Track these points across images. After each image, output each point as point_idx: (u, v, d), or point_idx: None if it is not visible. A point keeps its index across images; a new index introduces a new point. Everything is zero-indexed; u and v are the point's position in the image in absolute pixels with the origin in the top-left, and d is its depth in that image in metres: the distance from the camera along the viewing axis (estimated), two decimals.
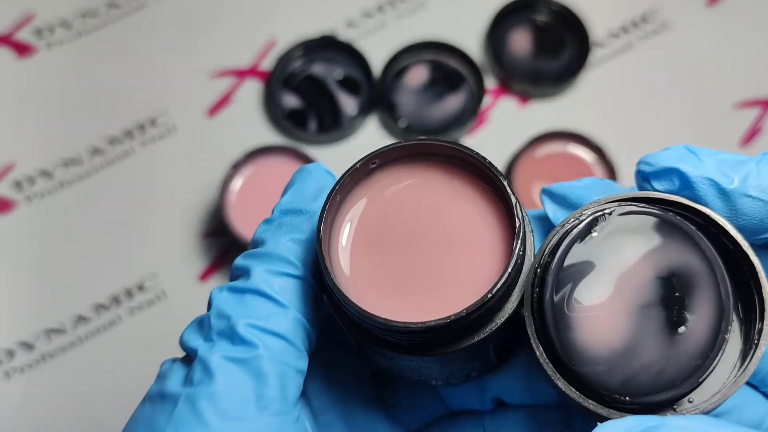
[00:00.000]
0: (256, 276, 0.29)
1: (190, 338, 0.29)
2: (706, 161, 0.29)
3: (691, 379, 0.27)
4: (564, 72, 0.65)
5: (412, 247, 0.29)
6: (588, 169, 0.58)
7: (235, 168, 0.59)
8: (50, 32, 0.67)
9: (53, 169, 0.63)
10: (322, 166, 0.32)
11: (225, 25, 0.68)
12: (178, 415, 0.27)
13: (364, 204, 0.30)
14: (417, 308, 0.28)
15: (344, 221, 0.30)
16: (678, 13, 0.69)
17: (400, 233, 0.30)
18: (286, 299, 0.29)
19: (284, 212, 0.30)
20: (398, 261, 0.29)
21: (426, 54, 0.65)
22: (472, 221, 0.29)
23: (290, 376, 0.28)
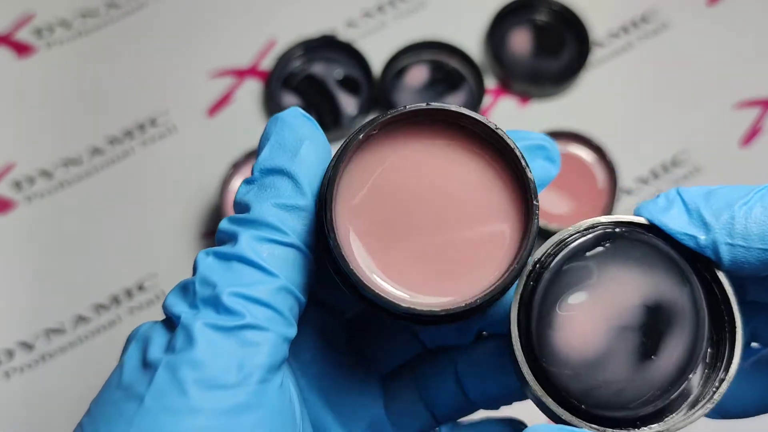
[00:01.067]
0: (243, 242, 0.28)
1: (173, 303, 0.28)
2: (684, 212, 0.29)
3: (646, 407, 0.28)
4: (564, 72, 0.65)
5: (420, 223, 0.29)
6: (588, 169, 0.58)
7: (235, 168, 0.59)
8: (50, 32, 0.67)
9: (53, 169, 0.63)
10: (298, 111, 0.30)
11: (225, 25, 0.68)
12: (157, 381, 0.26)
13: (366, 177, 0.29)
14: (430, 286, 0.28)
15: (347, 197, 0.28)
16: (678, 13, 0.69)
17: (405, 207, 0.29)
18: (273, 267, 0.28)
19: (264, 172, 0.29)
20: (409, 236, 0.28)
21: (426, 54, 0.65)
22: (480, 193, 0.29)
23: (276, 344, 0.27)
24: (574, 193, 0.57)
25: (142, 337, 0.28)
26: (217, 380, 0.26)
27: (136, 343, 0.28)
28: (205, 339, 0.26)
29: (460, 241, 0.28)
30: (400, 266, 0.28)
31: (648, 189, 0.62)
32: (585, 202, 0.57)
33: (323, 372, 0.33)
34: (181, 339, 0.27)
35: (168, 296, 0.28)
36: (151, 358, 0.27)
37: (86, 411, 0.28)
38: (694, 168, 0.63)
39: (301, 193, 0.29)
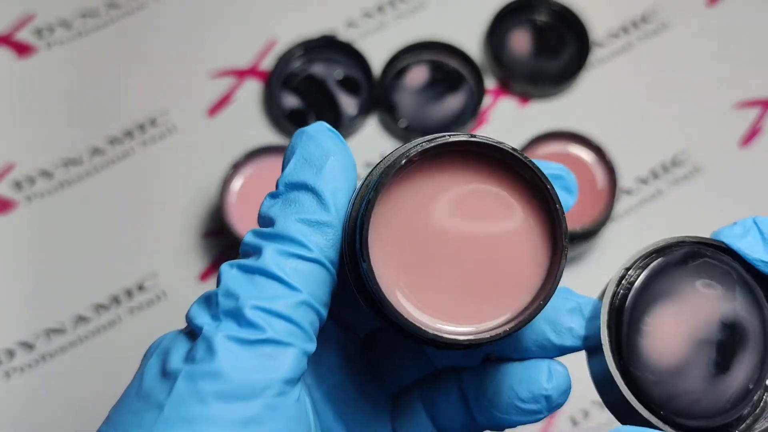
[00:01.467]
0: (267, 256, 0.28)
1: (196, 314, 0.28)
2: (759, 240, 0.32)
3: (717, 418, 0.31)
4: (564, 72, 0.65)
5: (449, 254, 0.29)
6: (588, 169, 0.58)
7: (235, 168, 0.59)
8: (50, 32, 0.67)
9: (53, 169, 0.63)
10: (324, 126, 0.30)
11: (225, 25, 0.68)
12: (177, 391, 0.27)
13: (399, 205, 0.29)
14: (454, 315, 0.29)
15: (380, 225, 0.29)
16: (678, 13, 0.69)
17: (436, 238, 0.29)
18: (296, 281, 0.28)
19: (289, 186, 0.30)
20: (435, 267, 0.29)
21: (426, 54, 0.65)
22: (513, 227, 0.29)
23: (296, 358, 0.28)
24: None
25: (164, 347, 0.29)
26: (236, 392, 0.27)
27: (158, 352, 0.29)
28: (226, 351, 0.27)
29: (487, 275, 0.29)
30: (426, 294, 0.29)
31: (648, 189, 0.62)
32: (585, 202, 0.57)
33: (338, 386, 0.34)
34: (202, 350, 0.27)
35: (191, 307, 0.29)
36: (172, 367, 0.27)
37: (105, 418, 0.29)
38: (694, 168, 0.63)
39: (326, 209, 0.29)
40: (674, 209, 0.62)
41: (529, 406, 0.32)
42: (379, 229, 0.29)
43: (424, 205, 0.29)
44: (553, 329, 0.32)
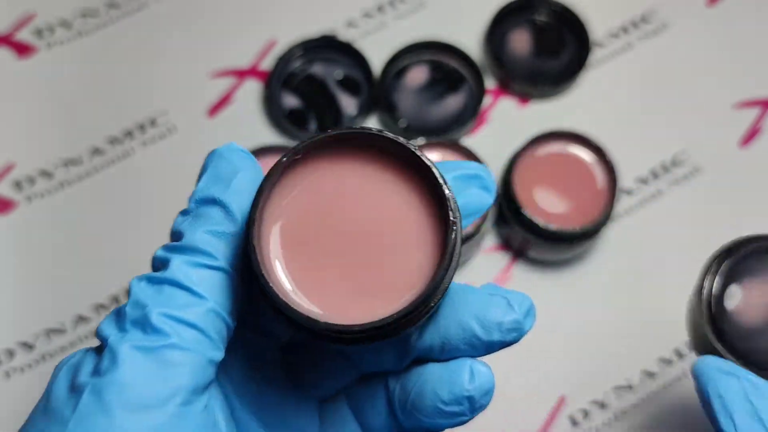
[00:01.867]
0: (174, 267, 0.29)
1: (104, 328, 0.29)
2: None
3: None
4: (564, 72, 0.65)
5: (343, 245, 0.30)
6: (588, 169, 0.58)
7: None
8: (50, 32, 0.68)
9: (53, 169, 0.63)
10: (234, 146, 0.31)
11: (225, 26, 0.68)
12: (83, 404, 0.27)
13: (291, 200, 0.30)
14: (351, 306, 0.29)
15: (273, 219, 0.30)
16: (678, 13, 0.69)
17: (329, 228, 0.30)
18: (203, 290, 0.29)
19: (199, 202, 0.30)
20: (330, 257, 0.29)
21: (426, 54, 0.65)
22: (402, 212, 0.30)
23: (199, 365, 0.28)
24: (573, 192, 0.57)
25: (73, 363, 0.29)
26: (141, 401, 0.27)
27: (66, 369, 0.29)
28: (130, 360, 0.27)
29: (382, 262, 0.29)
30: (321, 287, 0.29)
31: (648, 189, 0.62)
32: (585, 202, 0.57)
33: (259, 394, 0.33)
34: (107, 361, 0.27)
35: (102, 322, 0.29)
36: (79, 382, 0.27)
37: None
38: (694, 168, 0.63)
39: (232, 220, 0.30)
40: (674, 209, 0.62)
41: (451, 408, 0.32)
42: (270, 225, 0.29)
43: (314, 200, 0.30)
44: (481, 325, 0.31)
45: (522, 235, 0.56)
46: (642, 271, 0.60)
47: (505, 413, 0.56)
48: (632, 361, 0.58)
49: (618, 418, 0.56)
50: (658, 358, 0.58)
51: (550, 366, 0.58)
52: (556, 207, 0.57)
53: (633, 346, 0.58)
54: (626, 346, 0.58)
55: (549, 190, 0.57)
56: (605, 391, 0.57)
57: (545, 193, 0.57)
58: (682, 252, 0.61)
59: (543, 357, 0.58)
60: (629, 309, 0.59)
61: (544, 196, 0.57)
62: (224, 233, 0.29)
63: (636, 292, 0.60)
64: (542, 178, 0.58)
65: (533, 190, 0.57)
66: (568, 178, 0.58)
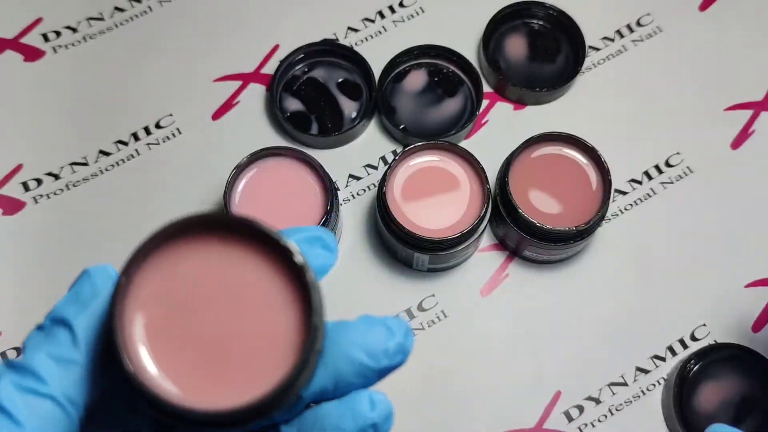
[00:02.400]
0: (2, 387, 0.28)
1: None
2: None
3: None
4: (559, 76, 0.66)
5: (204, 327, 0.29)
6: (582, 171, 0.59)
7: (239, 170, 0.59)
8: (56, 36, 0.68)
9: (60, 170, 0.63)
10: (107, 269, 0.31)
11: (229, 30, 0.69)
12: None
13: (152, 288, 0.30)
14: (214, 392, 0.29)
15: (135, 308, 0.29)
16: (672, 18, 0.70)
17: (192, 311, 0.29)
18: (24, 417, 0.28)
19: (52, 320, 0.30)
20: (194, 340, 0.29)
21: (424, 58, 0.65)
22: (262, 292, 0.30)
23: None
24: (568, 194, 0.58)
25: None
26: None
27: None
28: None
29: (246, 337, 0.29)
30: (187, 370, 0.29)
31: (642, 189, 0.63)
32: (579, 203, 0.58)
33: None
34: None
35: None
36: None
37: None
38: (686, 169, 0.64)
39: (77, 347, 0.29)
40: (667, 209, 0.63)
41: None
42: (131, 313, 0.29)
43: (175, 285, 0.29)
44: (368, 355, 0.31)
45: (518, 234, 0.57)
46: (635, 270, 0.61)
47: (501, 409, 0.57)
48: (626, 358, 0.59)
49: (612, 414, 0.57)
50: (651, 356, 0.59)
51: (545, 362, 0.59)
52: (551, 207, 0.58)
53: (627, 343, 0.59)
54: (620, 344, 0.59)
55: (544, 191, 0.58)
56: (600, 387, 0.58)
57: (540, 193, 0.58)
58: (675, 252, 0.62)
59: (538, 354, 0.59)
60: (623, 307, 0.60)
61: (540, 196, 0.58)
62: (66, 360, 0.29)
63: (630, 290, 0.61)
64: (538, 180, 0.59)
65: (529, 191, 0.58)
66: (563, 179, 0.59)
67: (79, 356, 0.29)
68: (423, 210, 0.57)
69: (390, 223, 0.56)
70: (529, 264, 0.61)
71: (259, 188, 0.58)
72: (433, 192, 0.58)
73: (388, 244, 0.59)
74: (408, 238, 0.56)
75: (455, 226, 0.56)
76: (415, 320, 0.60)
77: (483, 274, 0.61)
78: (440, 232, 0.56)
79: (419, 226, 0.56)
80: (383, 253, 0.61)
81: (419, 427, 0.56)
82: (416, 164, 0.58)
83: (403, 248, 0.57)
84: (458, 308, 0.60)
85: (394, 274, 0.61)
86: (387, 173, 0.56)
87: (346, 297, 0.60)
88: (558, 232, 0.56)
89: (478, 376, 0.58)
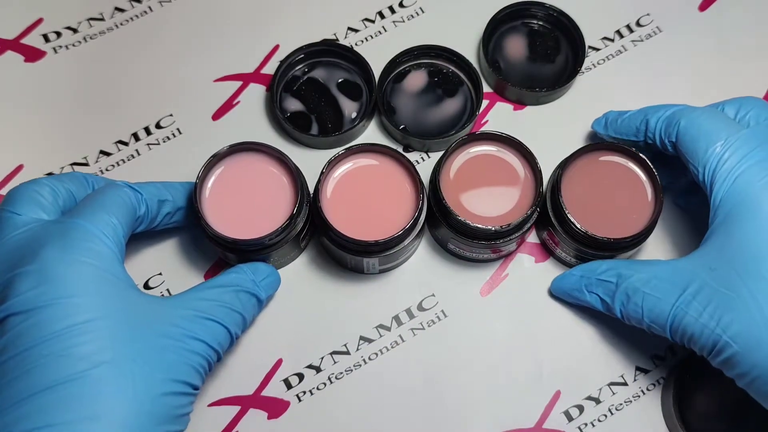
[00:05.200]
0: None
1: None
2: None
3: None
4: (559, 76, 0.66)
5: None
6: (641, 183, 0.58)
7: (215, 158, 0.57)
8: (57, 36, 0.69)
9: (61, 171, 0.64)
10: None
11: (229, 31, 0.69)
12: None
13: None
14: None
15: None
16: (671, 18, 0.70)
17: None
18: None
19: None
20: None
21: (424, 58, 0.65)
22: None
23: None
24: (621, 202, 0.58)
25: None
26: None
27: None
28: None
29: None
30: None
31: None
32: (629, 212, 0.57)
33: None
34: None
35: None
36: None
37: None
38: None
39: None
40: (667, 206, 0.63)
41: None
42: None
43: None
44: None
45: (562, 238, 0.57)
46: None
47: (501, 409, 0.57)
48: (626, 358, 0.59)
49: (612, 414, 0.57)
50: (652, 356, 0.59)
51: (545, 362, 0.59)
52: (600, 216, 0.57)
53: (627, 343, 0.59)
54: (620, 344, 0.59)
55: (597, 199, 0.58)
56: (600, 387, 0.58)
57: (592, 200, 0.58)
58: (675, 254, 0.62)
59: (538, 354, 0.59)
60: None
61: (591, 203, 0.58)
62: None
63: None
64: (596, 185, 0.58)
65: (581, 196, 0.58)
66: (616, 187, 0.58)
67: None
68: (362, 215, 0.56)
69: (329, 232, 0.55)
70: (528, 264, 0.62)
71: (231, 182, 0.57)
72: (374, 195, 0.57)
73: (334, 254, 0.59)
74: (349, 244, 0.55)
75: (399, 226, 0.55)
76: (415, 320, 0.60)
77: (483, 274, 0.61)
78: (386, 233, 0.55)
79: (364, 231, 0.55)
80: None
81: (419, 427, 0.57)
82: (348, 168, 0.57)
83: (351, 257, 0.57)
84: (458, 308, 0.60)
85: (393, 273, 0.61)
86: (317, 186, 0.55)
87: (345, 297, 0.60)
88: (607, 241, 0.55)
89: (478, 376, 0.58)
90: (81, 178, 0.53)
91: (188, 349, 0.45)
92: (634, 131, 0.58)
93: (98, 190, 0.51)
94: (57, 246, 0.44)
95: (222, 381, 0.57)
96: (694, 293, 0.48)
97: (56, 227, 0.46)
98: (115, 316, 0.43)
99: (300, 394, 0.57)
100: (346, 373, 0.58)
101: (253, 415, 0.57)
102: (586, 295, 0.56)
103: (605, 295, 0.54)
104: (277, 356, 0.58)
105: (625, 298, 0.52)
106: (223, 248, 0.55)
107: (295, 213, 0.54)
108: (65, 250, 0.44)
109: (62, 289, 0.42)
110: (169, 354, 0.44)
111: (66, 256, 0.44)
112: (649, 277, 0.51)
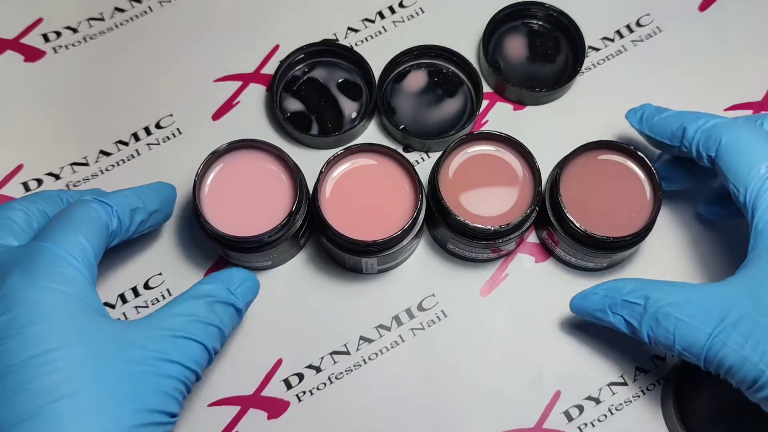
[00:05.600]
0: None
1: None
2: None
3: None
4: (559, 76, 0.66)
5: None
6: (639, 181, 0.58)
7: (215, 155, 0.57)
8: (57, 36, 0.69)
9: (60, 171, 0.64)
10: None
11: (229, 30, 0.69)
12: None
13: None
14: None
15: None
16: (671, 18, 0.70)
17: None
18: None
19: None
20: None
21: (424, 58, 0.66)
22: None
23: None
24: (622, 202, 0.58)
25: None
26: None
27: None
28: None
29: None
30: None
31: None
32: (625, 211, 0.58)
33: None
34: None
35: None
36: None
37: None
38: None
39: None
40: (666, 215, 0.63)
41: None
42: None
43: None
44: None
45: (561, 237, 0.57)
46: (636, 273, 0.61)
47: (501, 408, 0.57)
48: (626, 358, 0.59)
49: (612, 414, 0.58)
50: (652, 356, 0.59)
51: (545, 362, 0.59)
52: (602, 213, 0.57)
53: (627, 343, 0.59)
54: (620, 344, 0.59)
55: (594, 197, 0.58)
56: (600, 387, 0.58)
57: (590, 199, 0.58)
58: (677, 255, 0.62)
59: (538, 354, 0.59)
60: None
61: (590, 202, 0.58)
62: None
63: None
64: (595, 184, 0.58)
65: (580, 196, 0.58)
66: (615, 186, 0.58)
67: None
68: (362, 215, 0.56)
69: (328, 232, 0.55)
70: (528, 264, 0.62)
71: (230, 179, 0.57)
72: (373, 195, 0.57)
73: (332, 254, 0.59)
74: (348, 244, 0.55)
75: (397, 225, 0.55)
76: (415, 320, 0.60)
77: (483, 274, 0.61)
78: (384, 233, 0.55)
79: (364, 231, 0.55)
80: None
81: (419, 427, 0.57)
82: (346, 168, 0.57)
83: (350, 257, 0.57)
84: (458, 308, 0.60)
85: (393, 273, 0.61)
86: (316, 186, 0.55)
87: (345, 296, 0.60)
88: (605, 240, 0.55)
89: (478, 376, 0.58)
90: (55, 197, 0.51)
91: (161, 373, 0.42)
92: (669, 135, 0.54)
93: (66, 208, 0.48)
94: (23, 272, 0.41)
95: (222, 381, 0.57)
96: (733, 323, 0.45)
97: (23, 252, 0.43)
98: (81, 345, 0.40)
99: (300, 394, 0.58)
100: (346, 373, 0.58)
101: (253, 415, 0.57)
102: (610, 316, 0.52)
103: (631, 317, 0.50)
104: (277, 356, 0.58)
105: (654, 323, 0.48)
106: (222, 245, 0.55)
107: (294, 210, 0.54)
108: (31, 276, 0.41)
109: (27, 317, 0.40)
110: (139, 382, 0.41)
111: (32, 283, 0.41)
112: (681, 302, 0.47)
